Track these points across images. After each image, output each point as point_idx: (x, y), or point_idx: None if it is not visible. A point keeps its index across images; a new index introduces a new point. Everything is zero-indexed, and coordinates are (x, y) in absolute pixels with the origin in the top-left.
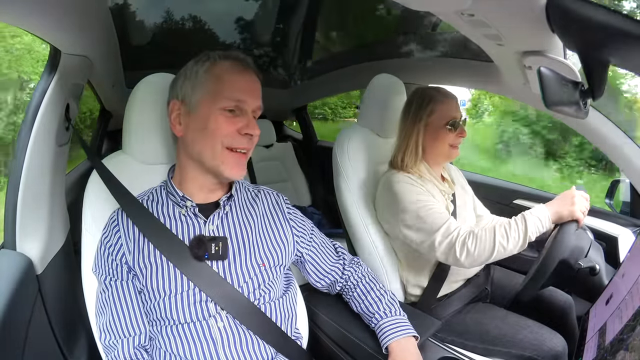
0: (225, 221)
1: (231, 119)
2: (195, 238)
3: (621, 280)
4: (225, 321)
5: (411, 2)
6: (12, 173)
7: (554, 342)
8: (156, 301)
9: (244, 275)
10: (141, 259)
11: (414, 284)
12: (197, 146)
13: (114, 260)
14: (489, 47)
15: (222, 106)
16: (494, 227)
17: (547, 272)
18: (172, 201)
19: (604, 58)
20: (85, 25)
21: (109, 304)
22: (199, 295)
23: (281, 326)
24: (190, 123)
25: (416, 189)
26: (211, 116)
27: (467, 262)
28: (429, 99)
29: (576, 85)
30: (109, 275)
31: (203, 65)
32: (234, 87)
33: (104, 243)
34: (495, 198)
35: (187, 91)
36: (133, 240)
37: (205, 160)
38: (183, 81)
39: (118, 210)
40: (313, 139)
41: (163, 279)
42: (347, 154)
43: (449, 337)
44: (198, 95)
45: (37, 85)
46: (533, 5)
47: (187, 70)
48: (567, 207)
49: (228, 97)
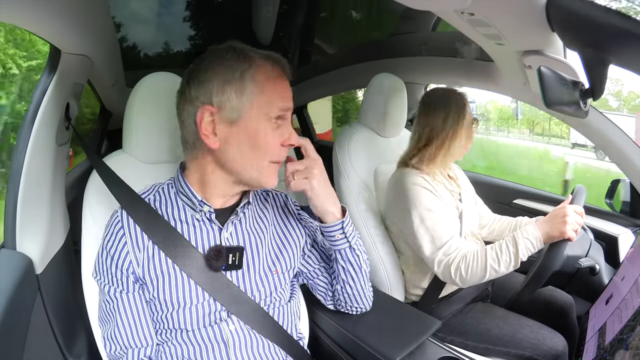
0: (239, 227)
1: (277, 132)
2: (213, 249)
3: (621, 280)
4: (237, 324)
5: (411, 1)
6: (12, 173)
7: (554, 342)
8: (168, 312)
9: (257, 284)
10: (152, 269)
11: (416, 284)
12: (238, 162)
13: (119, 270)
14: (489, 46)
15: (271, 115)
16: (486, 250)
17: (547, 273)
18: (183, 203)
19: (604, 58)
20: (86, 25)
21: (114, 315)
22: (214, 305)
23: (287, 328)
24: (231, 135)
25: (431, 195)
26: (260, 128)
27: (461, 284)
28: (464, 101)
29: (576, 85)
30: (114, 286)
31: (249, 68)
32: (280, 94)
33: (107, 249)
34: (495, 197)
35: (231, 97)
36: (142, 248)
37: (246, 173)
38: (223, 84)
39: (120, 210)
40: (313, 138)
41: (177, 291)
42: (348, 153)
43: (449, 336)
44: (245, 103)
45: (37, 85)
46: (533, 5)
47: (229, 71)
48: (558, 228)
49: (276, 105)
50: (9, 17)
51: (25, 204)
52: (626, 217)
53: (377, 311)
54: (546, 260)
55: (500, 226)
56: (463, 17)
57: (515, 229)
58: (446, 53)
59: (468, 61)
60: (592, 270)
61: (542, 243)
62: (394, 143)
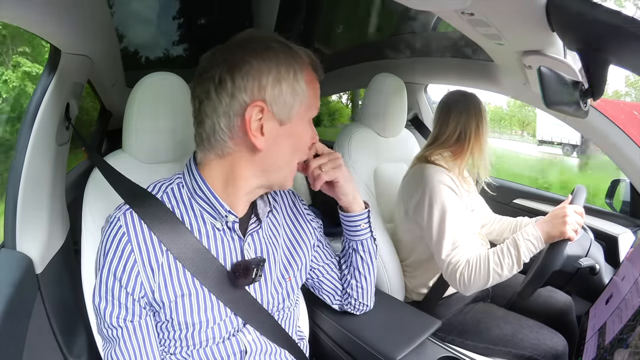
0: (257, 237)
1: (310, 132)
2: (242, 266)
3: (621, 280)
4: (253, 334)
5: (411, 1)
6: (12, 173)
7: (554, 342)
8: (183, 333)
9: (272, 293)
10: (170, 290)
11: (422, 283)
12: (278, 163)
13: (131, 296)
14: (489, 46)
15: (312, 116)
16: (488, 254)
17: (547, 273)
18: (201, 208)
19: (604, 58)
20: (86, 25)
21: (118, 341)
22: (235, 321)
23: (289, 330)
24: (279, 136)
25: (455, 196)
26: (303, 131)
27: (465, 290)
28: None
29: (576, 85)
30: (119, 312)
31: (300, 66)
32: (318, 96)
33: (113, 272)
34: (496, 197)
35: (286, 97)
36: (157, 267)
37: (278, 175)
38: (277, 80)
39: (123, 214)
40: None
41: (199, 311)
42: (348, 153)
43: (449, 336)
44: (297, 104)
45: (37, 85)
46: (533, 5)
47: (283, 65)
48: (558, 228)
49: (316, 107)
50: (9, 17)
51: (25, 203)
52: (626, 217)
53: (378, 311)
54: (546, 260)
55: (500, 227)
56: (463, 17)
57: (515, 229)
58: (446, 53)
59: (468, 61)
60: (592, 270)
61: (543, 243)
62: (394, 143)
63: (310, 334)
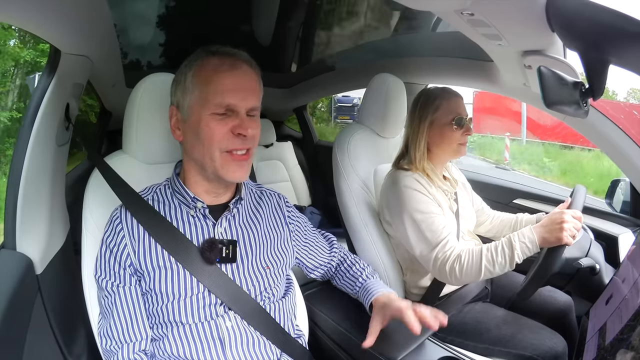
0: (233, 223)
1: (223, 121)
2: (207, 241)
3: (621, 280)
4: (233, 321)
5: (411, 1)
6: (12, 173)
7: (554, 342)
8: (164, 304)
9: (252, 279)
10: (149, 261)
11: (417, 284)
12: (196, 153)
13: (118, 263)
14: (489, 46)
15: (212, 110)
16: (482, 250)
17: (547, 274)
18: (179, 201)
19: (604, 58)
20: (86, 25)
21: (112, 310)
22: (209, 297)
23: (284, 326)
24: (186, 130)
25: (423, 197)
26: (202, 122)
27: (456, 283)
28: (434, 97)
29: (576, 85)
30: (112, 280)
31: (191, 68)
32: (222, 90)
33: (107, 243)
34: (495, 197)
35: (179, 97)
36: (138, 240)
37: (206, 166)
38: (176, 87)
39: (120, 207)
40: (313, 138)
41: (172, 282)
42: (348, 154)
43: (449, 336)
44: (188, 102)
45: (37, 85)
46: (533, 5)
47: (178, 74)
48: (554, 234)
49: (216, 102)
50: (9, 17)
51: (25, 204)
52: (626, 217)
53: None
54: (545, 263)
55: (500, 224)
56: (463, 17)
57: (515, 226)
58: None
59: (468, 61)
60: (592, 270)
61: (538, 247)
62: (394, 143)
63: (309, 334)
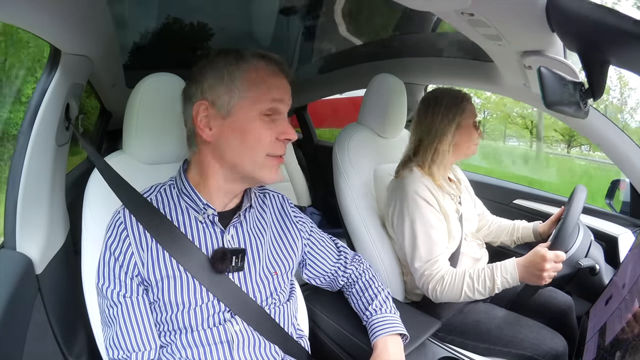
0: (241, 230)
1: (269, 125)
2: (218, 251)
3: (621, 280)
4: (240, 325)
5: (411, 1)
6: (12, 173)
7: (554, 342)
8: (173, 314)
9: (258, 286)
10: (157, 272)
11: (417, 286)
12: (234, 155)
13: (124, 272)
14: (489, 47)
15: (261, 110)
16: (464, 276)
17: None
18: (186, 204)
19: (604, 58)
20: (86, 25)
21: (118, 320)
22: (218, 306)
23: (287, 329)
24: (224, 129)
25: (429, 207)
26: (250, 124)
27: (435, 300)
28: (461, 98)
29: (576, 85)
30: (117, 289)
31: (239, 66)
32: (272, 89)
33: (111, 250)
34: (495, 198)
35: (220, 94)
36: (146, 249)
37: (244, 168)
38: (214, 82)
39: (122, 209)
40: (313, 138)
41: (182, 292)
42: (348, 154)
43: (449, 336)
44: (235, 99)
45: (37, 85)
46: (533, 5)
47: (219, 71)
48: (533, 279)
49: (267, 99)
50: (9, 17)
51: (26, 204)
52: (626, 217)
53: None
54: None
55: (497, 229)
56: (463, 17)
57: (512, 232)
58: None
59: (468, 61)
60: (592, 270)
61: (518, 282)
62: (394, 143)
63: (310, 334)
